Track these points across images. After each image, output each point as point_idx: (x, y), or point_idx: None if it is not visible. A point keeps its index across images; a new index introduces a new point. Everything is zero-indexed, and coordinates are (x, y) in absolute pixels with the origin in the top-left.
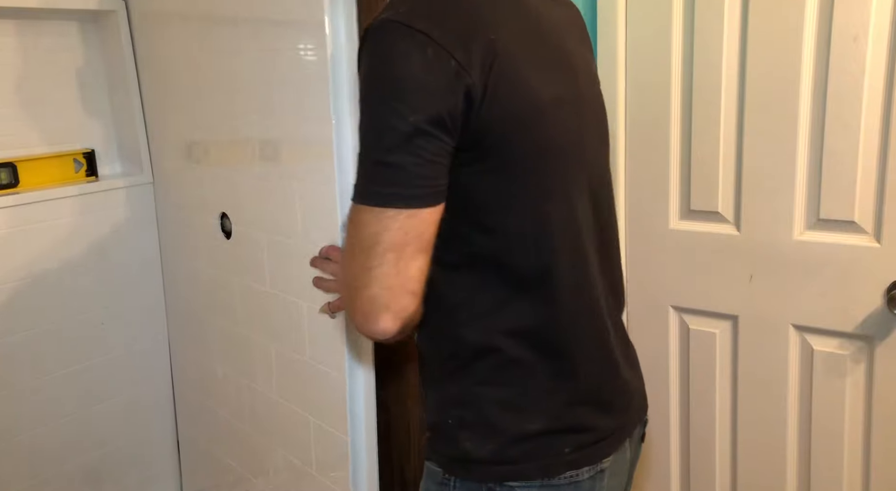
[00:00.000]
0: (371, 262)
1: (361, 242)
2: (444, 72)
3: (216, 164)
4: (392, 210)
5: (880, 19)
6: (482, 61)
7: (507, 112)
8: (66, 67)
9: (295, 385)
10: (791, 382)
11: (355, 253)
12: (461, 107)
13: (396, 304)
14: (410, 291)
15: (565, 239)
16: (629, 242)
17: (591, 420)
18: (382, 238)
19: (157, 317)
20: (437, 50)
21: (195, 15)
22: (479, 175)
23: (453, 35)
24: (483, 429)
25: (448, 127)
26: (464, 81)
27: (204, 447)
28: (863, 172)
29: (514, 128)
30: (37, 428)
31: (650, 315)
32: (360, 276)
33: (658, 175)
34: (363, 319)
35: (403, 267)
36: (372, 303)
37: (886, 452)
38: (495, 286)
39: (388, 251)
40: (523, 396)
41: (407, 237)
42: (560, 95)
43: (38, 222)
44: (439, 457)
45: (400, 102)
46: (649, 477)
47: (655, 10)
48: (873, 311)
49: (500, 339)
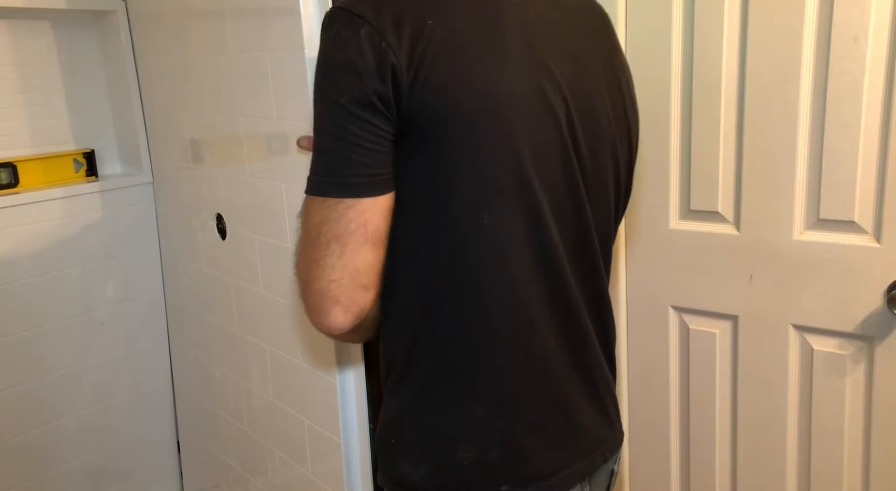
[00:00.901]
0: (317, 253)
1: (308, 233)
2: (375, 52)
3: (212, 165)
4: (332, 199)
5: (880, 19)
6: (412, 44)
7: (440, 103)
8: (66, 67)
9: (288, 387)
10: (791, 382)
11: (304, 244)
12: (390, 89)
13: (346, 297)
14: (361, 284)
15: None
16: (629, 242)
17: (534, 455)
18: (324, 228)
19: (157, 317)
20: (369, 31)
21: (195, 14)
22: (414, 169)
23: (389, 16)
24: (416, 452)
25: (381, 110)
26: (390, 61)
27: (204, 447)
28: (863, 172)
29: (447, 122)
30: (37, 428)
31: (650, 315)
32: (309, 268)
33: (658, 175)
34: (314, 312)
35: (349, 259)
36: (321, 296)
37: (886, 452)
38: (423, 294)
39: (332, 242)
40: (452, 423)
41: (349, 227)
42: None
43: (39, 222)
44: (383, 477)
45: (333, 88)
46: (649, 477)
47: (655, 10)
48: (873, 311)
49: (430, 354)
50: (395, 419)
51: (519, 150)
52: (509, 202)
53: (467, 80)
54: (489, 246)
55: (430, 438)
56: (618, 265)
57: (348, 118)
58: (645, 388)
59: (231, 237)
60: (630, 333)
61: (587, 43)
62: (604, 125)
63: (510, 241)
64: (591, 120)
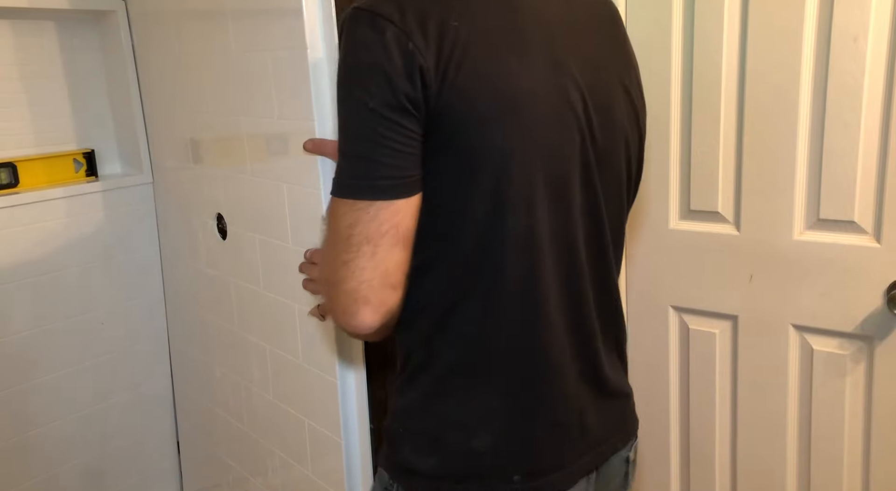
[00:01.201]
0: (347, 255)
1: (337, 235)
2: (402, 54)
3: (212, 165)
4: (363, 201)
5: (880, 19)
6: (438, 46)
7: (465, 104)
8: (66, 67)
9: (289, 387)
10: (791, 382)
11: (333, 246)
12: (420, 91)
13: (376, 297)
14: (390, 284)
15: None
16: (629, 242)
17: (546, 448)
18: (356, 230)
19: (157, 317)
20: (396, 33)
21: (194, 14)
22: (438, 170)
23: (413, 18)
24: (426, 441)
25: (410, 112)
26: (418, 63)
27: (204, 447)
28: (863, 172)
29: (472, 123)
30: (37, 428)
31: (650, 315)
32: (338, 269)
33: (658, 175)
34: (343, 313)
35: (381, 260)
36: (351, 297)
37: (886, 452)
38: (444, 293)
39: (364, 243)
40: (468, 411)
41: (381, 229)
42: (535, 95)
43: (39, 222)
44: (387, 463)
45: (362, 91)
46: (649, 477)
47: (655, 10)
48: (873, 311)
49: (445, 348)
50: (405, 409)
51: (541, 149)
52: (532, 202)
53: (492, 81)
54: (513, 245)
55: (444, 426)
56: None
57: (379, 121)
58: (645, 388)
59: (231, 237)
60: (630, 333)
61: (601, 39)
62: (618, 121)
63: (532, 240)
64: (607, 116)
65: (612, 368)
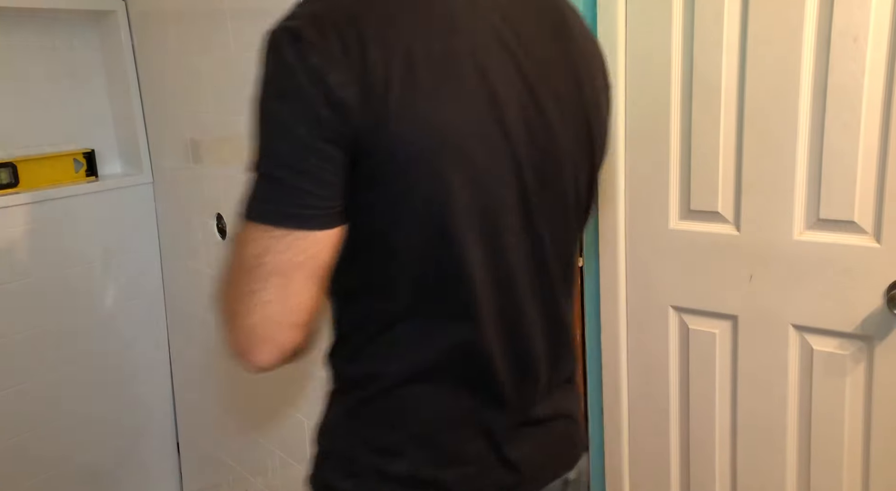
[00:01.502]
0: (253, 285)
1: (243, 262)
2: (325, 83)
3: (212, 165)
4: (280, 229)
5: (880, 19)
6: (364, 74)
7: (392, 135)
8: (66, 67)
9: (289, 387)
10: (791, 382)
11: (236, 273)
12: (344, 121)
13: (279, 337)
14: (296, 323)
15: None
16: (629, 242)
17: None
18: (266, 259)
19: (157, 317)
20: (320, 60)
21: (195, 14)
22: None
23: (338, 43)
24: (345, 462)
25: (335, 141)
26: (340, 93)
27: (204, 447)
28: (863, 172)
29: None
30: (37, 428)
31: (650, 315)
32: (241, 299)
33: (658, 175)
34: (239, 350)
35: (291, 293)
36: (250, 333)
37: (886, 452)
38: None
39: (273, 275)
40: (385, 435)
41: (295, 260)
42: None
43: (38, 222)
44: (311, 481)
45: (285, 116)
46: (649, 477)
47: (655, 11)
48: (873, 311)
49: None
50: (325, 428)
51: (472, 180)
52: (462, 234)
53: (421, 112)
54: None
55: (359, 449)
56: (617, 265)
57: (302, 149)
58: (645, 388)
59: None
60: (630, 333)
61: (546, 52)
62: (562, 144)
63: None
64: (548, 141)
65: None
